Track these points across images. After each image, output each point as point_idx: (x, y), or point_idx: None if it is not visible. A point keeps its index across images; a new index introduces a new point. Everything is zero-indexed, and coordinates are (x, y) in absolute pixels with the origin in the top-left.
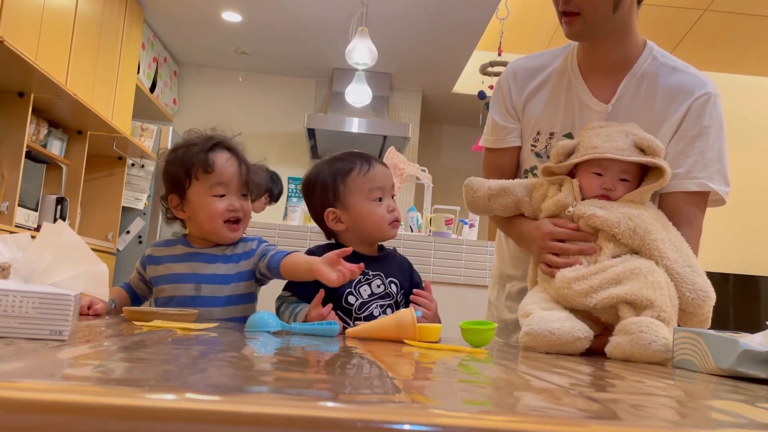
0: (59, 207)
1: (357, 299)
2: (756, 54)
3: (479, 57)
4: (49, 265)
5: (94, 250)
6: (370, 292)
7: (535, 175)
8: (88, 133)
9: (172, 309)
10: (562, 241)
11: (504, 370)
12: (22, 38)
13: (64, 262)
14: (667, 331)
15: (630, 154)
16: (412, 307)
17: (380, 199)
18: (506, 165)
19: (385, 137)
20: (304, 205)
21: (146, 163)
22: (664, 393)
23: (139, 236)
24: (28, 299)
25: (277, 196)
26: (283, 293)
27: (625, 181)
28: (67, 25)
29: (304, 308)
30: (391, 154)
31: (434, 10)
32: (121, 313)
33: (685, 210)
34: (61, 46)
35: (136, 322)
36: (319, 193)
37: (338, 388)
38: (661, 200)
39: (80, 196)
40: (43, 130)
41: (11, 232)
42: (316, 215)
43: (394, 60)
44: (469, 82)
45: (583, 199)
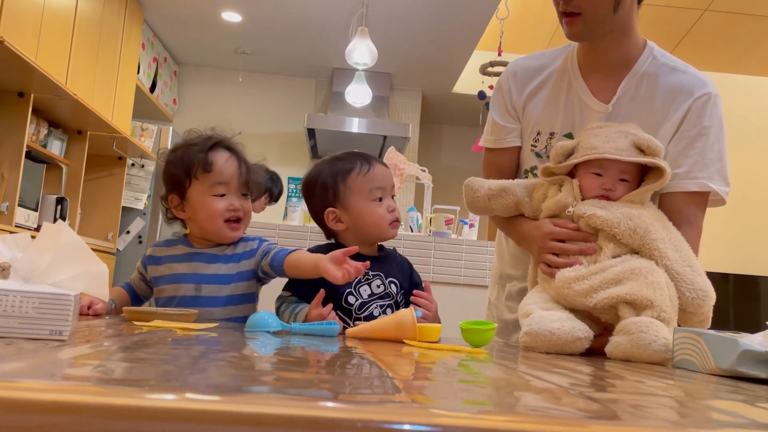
0: (59, 207)
1: (357, 299)
2: (756, 54)
3: (479, 57)
4: (49, 265)
5: (94, 250)
6: (370, 292)
7: (535, 175)
8: (88, 133)
9: (172, 309)
10: (563, 241)
11: (504, 370)
12: (22, 38)
13: (64, 262)
14: (667, 331)
15: (629, 154)
16: (412, 307)
17: (380, 199)
18: (506, 165)
19: (385, 137)
20: (304, 205)
21: (146, 163)
22: (664, 393)
23: (139, 236)
24: (28, 299)
25: (277, 196)
26: (283, 293)
27: (624, 181)
28: (67, 25)
29: (304, 308)
30: (391, 154)
31: (434, 10)
32: (121, 313)
33: (686, 210)
34: (61, 46)
35: (136, 322)
36: (320, 193)
37: (338, 388)
38: (662, 200)
39: (80, 196)
40: (43, 130)
41: (11, 232)
42: (316, 215)
43: (394, 60)
44: (469, 82)
45: (583, 199)
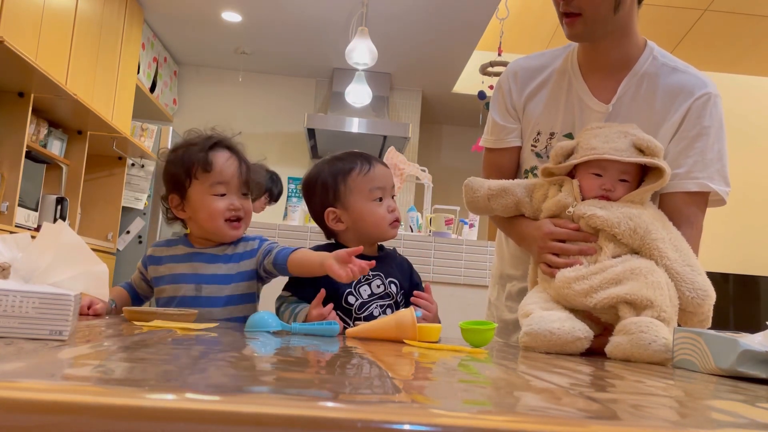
0: (59, 207)
1: (357, 299)
2: (756, 54)
3: (479, 57)
4: (49, 265)
5: (94, 250)
6: (369, 292)
7: (536, 175)
8: (88, 133)
9: (172, 309)
10: (563, 242)
11: (504, 370)
12: (22, 38)
13: (64, 262)
14: (667, 331)
15: (629, 154)
16: (412, 307)
17: (380, 199)
18: (506, 165)
19: (385, 137)
20: (304, 205)
21: (146, 163)
22: (664, 393)
23: (139, 236)
24: (28, 299)
25: (276, 196)
26: (283, 293)
27: (624, 181)
28: (67, 25)
29: (304, 308)
30: (391, 154)
31: (434, 10)
32: (121, 313)
33: (686, 210)
34: (61, 46)
35: (136, 322)
36: (320, 193)
37: (338, 388)
38: (662, 200)
39: (80, 196)
40: (43, 130)
41: (11, 232)
42: (316, 215)
43: (394, 60)
44: (469, 82)
45: (583, 199)
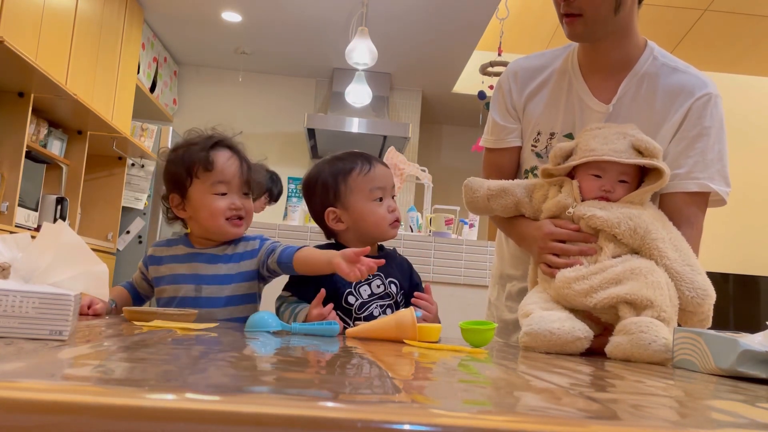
0: (59, 207)
1: (357, 299)
2: (756, 54)
3: (479, 57)
4: (49, 265)
5: (94, 250)
6: (369, 292)
7: (536, 176)
8: (88, 133)
9: (172, 309)
10: (563, 242)
11: (504, 370)
12: (22, 38)
13: (64, 262)
14: (667, 331)
15: (628, 155)
16: (412, 308)
17: (381, 199)
18: (506, 165)
19: (385, 137)
20: (304, 205)
21: (146, 163)
22: (664, 393)
23: (139, 236)
24: (28, 299)
25: (276, 196)
26: (283, 293)
27: (624, 182)
28: (67, 25)
29: (304, 308)
30: (391, 154)
31: (434, 10)
32: (121, 313)
33: (686, 210)
34: (61, 46)
35: (136, 322)
36: (320, 193)
37: (338, 388)
38: (662, 200)
39: (80, 196)
40: (43, 130)
41: (11, 232)
42: (317, 215)
43: (394, 60)
44: (469, 82)
45: (583, 200)
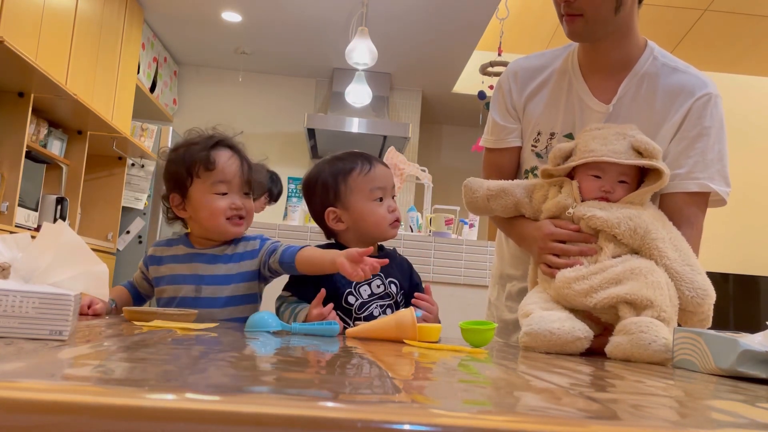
0: (59, 207)
1: (357, 299)
2: (756, 54)
3: (479, 57)
4: (49, 265)
5: (94, 250)
6: (369, 293)
7: (536, 176)
8: (88, 133)
9: (172, 309)
10: (563, 242)
11: (504, 370)
12: (22, 38)
13: (64, 262)
14: (667, 331)
15: (627, 156)
16: (412, 308)
17: (381, 199)
18: (506, 165)
19: (385, 137)
20: (304, 205)
21: (146, 163)
22: (664, 393)
23: (139, 236)
24: (28, 299)
25: (276, 196)
26: (283, 293)
27: (623, 183)
28: (67, 25)
29: (304, 308)
30: (391, 154)
31: (434, 10)
32: (121, 313)
33: (686, 210)
34: (61, 46)
35: (136, 322)
36: (320, 193)
37: (338, 388)
38: (662, 201)
39: (80, 196)
40: (43, 130)
41: (11, 232)
42: (317, 215)
43: (394, 60)
44: (469, 82)
45: (583, 200)
